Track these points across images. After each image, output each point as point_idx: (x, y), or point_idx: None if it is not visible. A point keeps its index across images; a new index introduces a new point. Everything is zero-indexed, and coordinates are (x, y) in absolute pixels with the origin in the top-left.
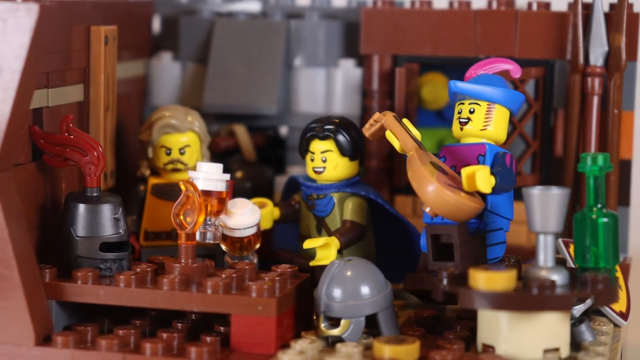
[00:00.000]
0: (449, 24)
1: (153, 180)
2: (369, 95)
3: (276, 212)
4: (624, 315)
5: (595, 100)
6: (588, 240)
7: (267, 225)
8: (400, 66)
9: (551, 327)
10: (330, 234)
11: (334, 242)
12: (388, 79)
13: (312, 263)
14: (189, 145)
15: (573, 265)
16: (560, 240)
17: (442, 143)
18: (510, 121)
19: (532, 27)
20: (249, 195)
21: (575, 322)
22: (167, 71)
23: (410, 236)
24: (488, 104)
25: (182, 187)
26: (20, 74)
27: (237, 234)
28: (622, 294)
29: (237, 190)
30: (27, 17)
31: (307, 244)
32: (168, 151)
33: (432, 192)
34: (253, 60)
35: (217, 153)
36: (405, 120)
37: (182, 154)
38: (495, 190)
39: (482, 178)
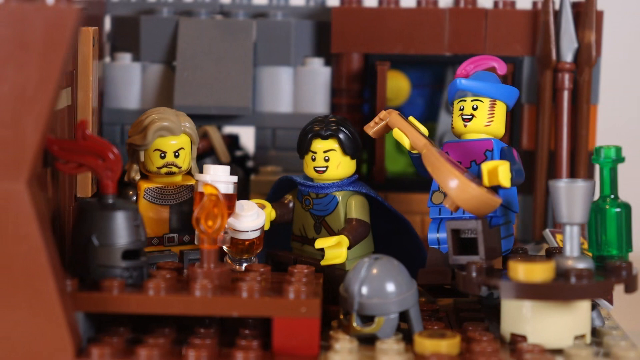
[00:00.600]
0: (419, 23)
1: (145, 185)
2: (338, 94)
3: (273, 213)
4: (610, 300)
5: (566, 95)
6: (602, 229)
7: (265, 226)
8: (372, 65)
9: (580, 315)
10: (331, 232)
11: (345, 241)
12: (358, 77)
13: (323, 263)
14: (183, 148)
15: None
16: (547, 230)
17: None
18: None
19: (501, 25)
20: None
21: None
22: (127, 72)
23: (407, 232)
24: (490, 101)
25: (205, 190)
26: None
27: (244, 237)
28: None
29: None
30: (67, 20)
31: (319, 244)
32: (163, 154)
33: (457, 186)
34: (222, 60)
35: None
36: (411, 118)
37: (176, 156)
38: (512, 184)
39: (504, 172)
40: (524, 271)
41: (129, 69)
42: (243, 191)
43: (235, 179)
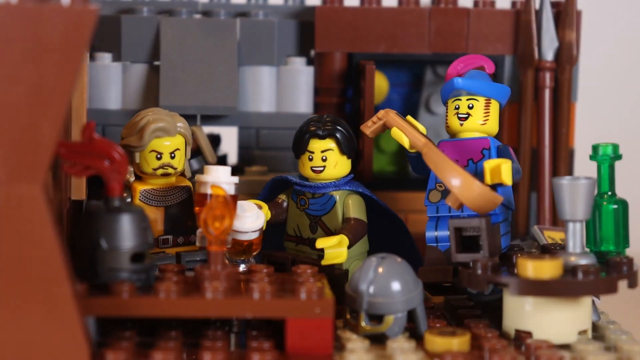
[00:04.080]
0: (402, 22)
1: (140, 186)
2: (322, 93)
3: (268, 214)
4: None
5: (547, 93)
6: (599, 225)
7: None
8: (356, 64)
9: (583, 310)
10: (328, 232)
11: (345, 241)
12: (341, 76)
13: (323, 262)
14: (179, 149)
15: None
16: (535, 226)
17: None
18: None
19: (482, 24)
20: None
21: None
22: (107, 72)
23: (401, 231)
24: (485, 99)
25: (213, 192)
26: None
27: (244, 237)
28: None
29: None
30: (85, 20)
31: (320, 244)
32: (159, 155)
33: (461, 184)
34: (207, 60)
35: None
36: (409, 117)
37: (172, 157)
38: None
39: (507, 171)
40: (533, 268)
41: (109, 69)
42: None
43: (236, 179)
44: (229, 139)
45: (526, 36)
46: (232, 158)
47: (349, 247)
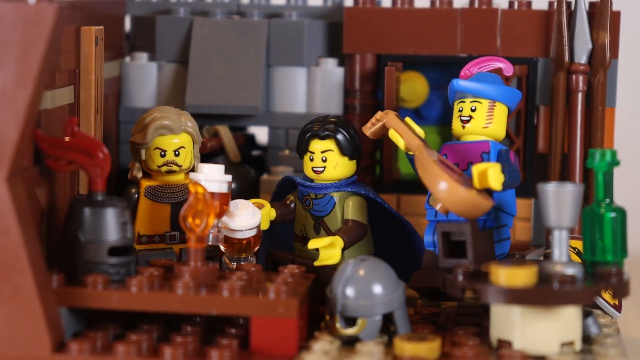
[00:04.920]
0: (432, 23)
1: (146, 183)
2: (351, 94)
3: (273, 213)
4: (618, 308)
5: (580, 97)
6: (597, 235)
7: (265, 226)
8: (384, 65)
9: (568, 321)
10: (329, 233)
11: (339, 242)
12: (371, 78)
13: (316, 263)
14: (184, 147)
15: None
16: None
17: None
18: None
19: (515, 26)
20: (234, 197)
21: (582, 316)
22: (143, 72)
23: (408, 234)
24: (489, 102)
25: (192, 189)
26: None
27: (239, 236)
28: None
29: None
30: (45, 18)
31: (312, 244)
32: (163, 153)
33: (445, 189)
34: (235, 60)
35: (203, 154)
36: (407, 119)
37: (176, 155)
38: (504, 187)
39: (493, 175)
40: (505, 275)
41: (145, 68)
42: (253, 191)
43: (229, 178)
44: (261, 139)
45: (557, 38)
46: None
47: (345, 249)
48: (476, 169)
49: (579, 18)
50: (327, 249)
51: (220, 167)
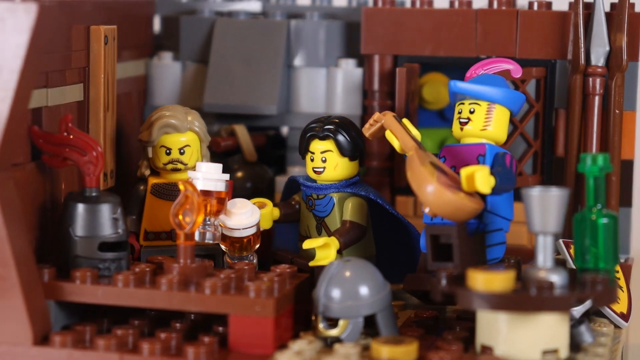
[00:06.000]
0: (449, 24)
1: (153, 180)
2: (369, 95)
3: (276, 212)
4: (625, 317)
5: (597, 100)
6: (588, 241)
7: (266, 225)
8: (401, 66)
9: (550, 328)
10: (330, 234)
11: (334, 243)
12: (389, 79)
13: (311, 263)
14: (189, 145)
15: (573, 266)
16: (560, 240)
17: (443, 143)
18: (511, 121)
19: (533, 27)
20: (249, 196)
21: (575, 324)
22: (168, 71)
23: (411, 236)
24: (488, 104)
25: (181, 187)
26: (19, 73)
27: (237, 234)
28: (623, 295)
29: (238, 190)
30: (26, 16)
31: (307, 244)
32: (168, 151)
33: (431, 192)
34: (253, 60)
35: (217, 153)
36: (405, 120)
37: (181, 153)
38: (495, 190)
39: (481, 178)
40: (482, 280)
41: (169, 67)
42: (270, 191)
43: (227, 177)
44: None
45: (574, 39)
46: None
47: (340, 251)
48: (464, 172)
49: (597, 19)
50: (323, 250)
51: (218, 166)
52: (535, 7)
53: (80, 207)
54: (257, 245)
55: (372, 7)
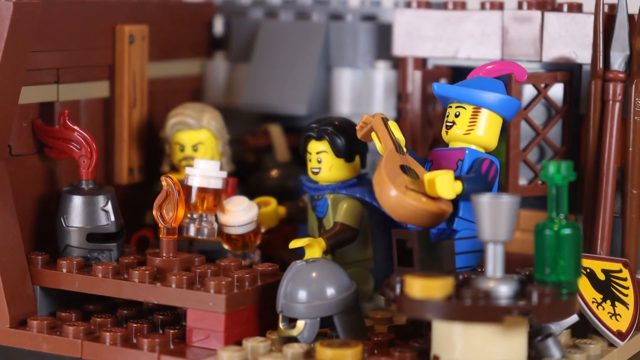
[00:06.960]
0: (478, 26)
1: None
2: (403, 98)
3: (281, 211)
4: (622, 335)
5: (617, 107)
6: (549, 253)
7: (271, 224)
8: (426, 69)
9: (506, 339)
10: None
11: (319, 243)
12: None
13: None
14: (203, 143)
15: None
16: None
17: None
18: (533, 127)
19: (560, 30)
20: (279, 195)
21: (542, 338)
22: (218, 70)
23: None
24: (474, 108)
25: (163, 182)
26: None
27: (233, 231)
28: (626, 313)
29: (269, 188)
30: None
31: (292, 244)
32: (182, 148)
33: (390, 197)
34: (291, 61)
35: (248, 151)
36: (391, 123)
37: (195, 150)
38: (462, 196)
39: (441, 183)
40: (419, 287)
41: (220, 67)
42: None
43: (224, 174)
44: None
45: (593, 43)
46: None
47: (329, 252)
48: (427, 176)
49: (619, 21)
50: (309, 250)
51: (216, 164)
52: (565, 9)
53: (72, 199)
54: (258, 242)
55: (404, 9)
